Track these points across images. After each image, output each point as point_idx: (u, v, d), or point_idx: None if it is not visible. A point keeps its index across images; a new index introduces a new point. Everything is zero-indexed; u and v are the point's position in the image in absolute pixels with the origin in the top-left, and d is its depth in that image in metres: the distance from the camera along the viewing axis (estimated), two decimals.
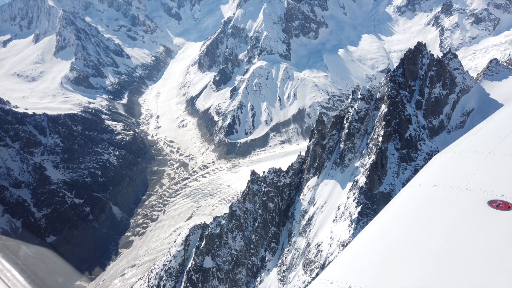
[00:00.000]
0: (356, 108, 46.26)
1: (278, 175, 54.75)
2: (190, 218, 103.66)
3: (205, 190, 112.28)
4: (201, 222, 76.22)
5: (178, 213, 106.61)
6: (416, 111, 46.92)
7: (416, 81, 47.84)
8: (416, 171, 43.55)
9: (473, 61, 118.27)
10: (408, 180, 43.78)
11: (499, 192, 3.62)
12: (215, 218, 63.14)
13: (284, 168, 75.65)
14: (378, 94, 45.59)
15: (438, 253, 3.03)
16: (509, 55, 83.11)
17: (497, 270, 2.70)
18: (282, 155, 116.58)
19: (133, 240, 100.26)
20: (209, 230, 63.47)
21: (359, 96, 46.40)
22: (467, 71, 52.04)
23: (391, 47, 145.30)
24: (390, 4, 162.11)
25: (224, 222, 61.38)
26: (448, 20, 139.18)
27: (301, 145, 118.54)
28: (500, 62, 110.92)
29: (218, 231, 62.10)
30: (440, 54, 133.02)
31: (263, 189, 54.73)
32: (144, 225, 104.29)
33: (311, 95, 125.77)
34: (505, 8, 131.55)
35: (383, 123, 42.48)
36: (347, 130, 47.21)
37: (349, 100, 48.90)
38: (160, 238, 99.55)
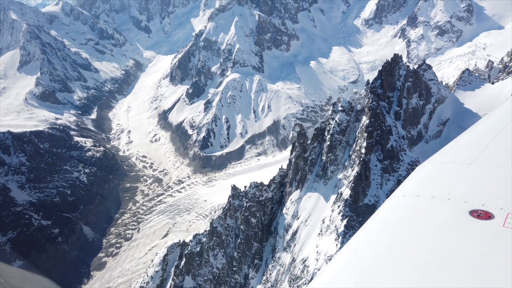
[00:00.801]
0: (337, 120, 46.23)
1: (260, 189, 53.77)
2: (166, 235, 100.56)
3: (181, 205, 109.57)
4: (180, 240, 73.81)
5: (153, 231, 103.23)
6: (395, 122, 47.41)
7: (394, 92, 48.49)
8: (399, 182, 43.78)
9: (439, 71, 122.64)
10: (391, 191, 43.92)
11: (480, 202, 3.66)
12: (195, 236, 61.15)
13: (263, 181, 74.78)
14: (359, 105, 45.79)
15: (421, 263, 3.00)
16: (475, 65, 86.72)
17: (479, 279, 2.67)
18: (259, 167, 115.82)
19: (106, 261, 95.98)
20: (189, 249, 61.35)
21: (340, 108, 46.44)
22: (441, 82, 53.42)
23: (360, 59, 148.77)
24: (358, 17, 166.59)
25: (204, 239, 59.51)
26: (414, 32, 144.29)
27: (277, 157, 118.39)
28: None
29: (198, 249, 60.11)
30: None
31: (245, 204, 53.53)
32: (118, 245, 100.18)
33: (285, 107, 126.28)
34: (466, 21, 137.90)
35: (365, 134, 42.54)
36: (329, 142, 47.04)
37: (330, 112, 48.88)
38: (135, 258, 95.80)
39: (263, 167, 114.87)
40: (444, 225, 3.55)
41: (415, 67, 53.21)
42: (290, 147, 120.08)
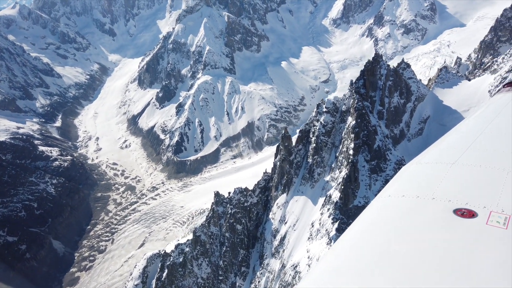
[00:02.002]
0: (323, 122, 45.55)
1: (244, 195, 52.29)
2: (142, 245, 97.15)
3: (157, 213, 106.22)
4: (160, 251, 71.21)
5: (128, 241, 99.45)
6: (379, 121, 47.33)
7: (376, 91, 48.43)
8: (386, 181, 43.61)
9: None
10: (380, 191, 43.72)
11: (463, 200, 3.74)
12: (177, 246, 58.90)
13: (241, 183, 73.26)
14: (344, 106, 45.33)
15: (408, 262, 3.09)
16: (444, 62, 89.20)
17: (463, 276, 2.79)
18: (235, 170, 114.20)
19: (80, 276, 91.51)
20: (171, 259, 59.04)
21: (325, 109, 45.80)
22: (420, 80, 54.07)
23: (330, 58, 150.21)
24: (326, 17, 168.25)
25: (187, 249, 57.39)
26: (380, 31, 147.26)
27: (253, 159, 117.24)
28: (431, 68, 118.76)
29: (181, 260, 57.92)
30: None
31: (230, 211, 51.90)
32: (91, 258, 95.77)
33: (259, 108, 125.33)
34: (430, 19, 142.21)
35: (352, 135, 42.07)
36: (314, 144, 46.28)
37: (314, 113, 48.17)
38: (110, 270, 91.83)
39: (240, 170, 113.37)
40: (429, 224, 3.60)
41: (394, 65, 53.55)
42: (265, 148, 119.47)
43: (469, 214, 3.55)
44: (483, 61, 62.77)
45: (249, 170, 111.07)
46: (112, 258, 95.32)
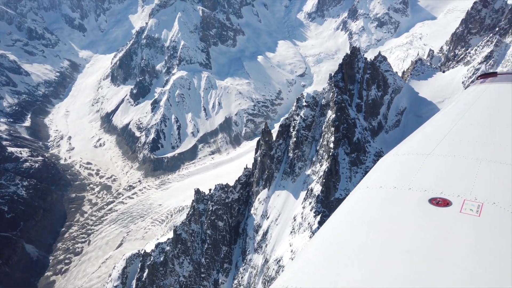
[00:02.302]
0: (303, 116, 45.38)
1: (225, 191, 51.66)
2: (120, 245, 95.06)
3: (134, 212, 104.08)
4: (139, 251, 69.82)
5: (105, 242, 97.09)
6: (357, 114, 47.61)
7: (355, 84, 48.65)
8: (366, 173, 43.95)
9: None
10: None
11: (438, 190, 3.84)
12: (157, 245, 57.79)
13: (220, 179, 72.57)
14: (323, 100, 45.29)
15: (386, 251, 3.17)
16: (417, 54, 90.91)
17: (438, 263, 2.88)
18: (214, 166, 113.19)
19: (55, 280, 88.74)
20: (152, 259, 57.90)
21: (305, 103, 45.62)
22: (396, 72, 54.73)
23: (306, 52, 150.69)
24: (301, 10, 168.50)
25: (168, 248, 56.37)
26: (355, 24, 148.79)
27: (232, 154, 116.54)
28: (404, 61, 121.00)
29: (162, 259, 56.88)
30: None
31: (211, 208, 51.19)
32: (67, 261, 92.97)
33: (236, 103, 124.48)
34: (402, 12, 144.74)
35: (332, 129, 42.11)
36: (295, 139, 46.10)
37: (294, 107, 47.94)
38: (87, 273, 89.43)
39: (218, 166, 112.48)
40: (406, 213, 3.68)
41: (369, 58, 53.94)
42: (244, 143, 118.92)
43: (444, 203, 3.63)
44: (456, 53, 64.18)
45: (228, 165, 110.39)
46: (89, 260, 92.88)
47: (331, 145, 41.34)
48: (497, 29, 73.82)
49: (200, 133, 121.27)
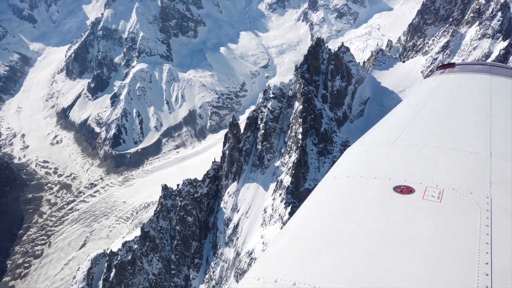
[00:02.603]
0: (270, 108, 45.33)
1: (194, 186, 50.85)
2: (84, 245, 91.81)
3: (97, 211, 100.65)
4: (105, 250, 67.66)
5: (67, 243, 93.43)
6: (323, 105, 48.21)
7: (320, 75, 49.14)
8: (334, 163, 44.72)
9: None
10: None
11: (402, 178, 3.95)
12: (124, 244, 56.18)
13: (188, 173, 71.50)
14: (290, 91, 45.42)
15: (353, 239, 3.26)
16: (377, 45, 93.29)
17: (404, 247, 3.02)
18: (179, 160, 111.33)
19: (14, 285, 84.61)
20: (119, 258, 56.25)
21: (272, 95, 45.56)
22: (359, 63, 55.83)
23: (268, 43, 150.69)
24: (262, 1, 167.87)
25: (136, 246, 54.96)
26: (315, 15, 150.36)
27: (197, 148, 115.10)
28: (364, 51, 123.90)
29: (130, 258, 55.41)
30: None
31: (180, 203, 50.29)
32: (26, 265, 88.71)
33: (199, 96, 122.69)
34: (361, 3, 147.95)
35: (300, 120, 42.39)
36: (263, 131, 46.03)
37: (261, 99, 47.77)
38: (49, 275, 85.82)
39: (184, 160, 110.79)
40: (372, 202, 3.78)
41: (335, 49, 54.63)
42: (209, 136, 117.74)
43: (407, 190, 3.74)
44: (416, 43, 66.39)
45: (193, 159, 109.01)
46: (51, 262, 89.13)
47: (300, 136, 41.65)
48: (450, 19, 77.10)
49: (163, 127, 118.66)
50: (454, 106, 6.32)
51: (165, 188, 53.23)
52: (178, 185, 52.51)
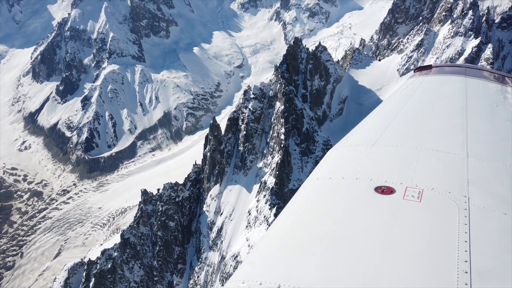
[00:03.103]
0: (251, 108, 44.99)
1: (175, 190, 49.82)
2: (58, 255, 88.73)
3: (72, 218, 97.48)
4: (82, 259, 65.55)
5: (41, 253, 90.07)
6: (303, 105, 48.34)
7: (299, 75, 49.25)
8: (316, 162, 44.98)
9: None
10: (311, 172, 44.91)
11: (383, 179, 4.00)
12: (103, 252, 54.49)
13: (165, 177, 70.18)
14: (271, 91, 45.23)
15: (336, 240, 3.32)
16: (351, 44, 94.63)
17: (386, 247, 3.07)
18: (155, 163, 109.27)
19: None
20: (98, 267, 54.50)
21: (252, 96, 45.22)
22: (337, 62, 56.34)
23: (242, 43, 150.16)
24: (234, 1, 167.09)
25: (116, 254, 53.39)
26: (288, 15, 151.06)
27: (174, 150, 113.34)
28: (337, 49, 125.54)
29: (109, 266, 53.79)
30: (286, 47, 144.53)
31: (161, 208, 49.18)
32: None
33: (174, 97, 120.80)
34: (332, 2, 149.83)
35: (282, 120, 42.32)
36: (244, 132, 45.64)
37: (241, 100, 47.34)
38: (23, 287, 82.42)
39: (160, 162, 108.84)
40: (354, 202, 3.86)
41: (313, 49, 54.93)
42: (185, 138, 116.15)
43: (388, 190, 3.79)
44: (390, 41, 67.70)
45: (170, 162, 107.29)
46: (24, 274, 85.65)
47: (282, 137, 41.57)
48: (420, 18, 79.16)
49: (138, 129, 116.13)
50: (431, 107, 6.46)
51: (145, 193, 51.94)
52: (158, 189, 51.36)
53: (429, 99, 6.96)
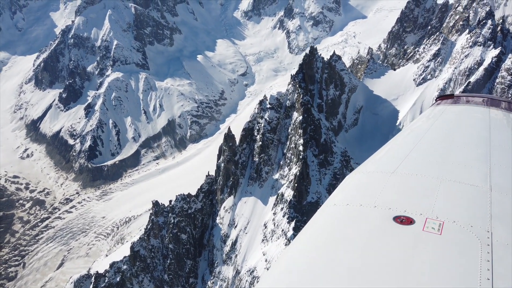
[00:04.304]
0: (267, 118, 44.01)
1: (187, 201, 48.58)
2: (61, 265, 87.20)
3: (75, 227, 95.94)
4: (89, 271, 64.17)
5: (44, 263, 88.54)
6: (319, 115, 47.43)
7: (314, 84, 48.40)
8: (335, 174, 43.93)
9: None
10: (330, 184, 43.81)
11: (402, 208, 3.91)
12: (112, 265, 53.10)
13: (171, 186, 68.93)
14: (288, 101, 44.28)
15: (353, 267, 3.26)
16: (358, 53, 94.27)
17: (403, 279, 3.00)
18: (159, 172, 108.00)
19: None
20: (106, 280, 53.06)
21: (268, 106, 44.26)
22: (351, 71, 55.55)
23: (246, 51, 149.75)
24: (237, 9, 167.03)
25: (125, 267, 51.99)
26: (291, 23, 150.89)
27: (178, 158, 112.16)
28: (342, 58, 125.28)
29: (118, 279, 52.35)
30: (290, 56, 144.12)
31: (173, 221, 47.90)
32: None
33: (178, 105, 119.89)
34: (335, 11, 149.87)
35: (300, 131, 41.33)
36: (260, 142, 44.60)
37: (256, 110, 46.37)
38: None
39: (164, 171, 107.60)
40: (372, 231, 3.77)
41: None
42: (190, 146, 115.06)
43: (407, 221, 3.69)
44: (400, 50, 67.11)
45: (175, 170, 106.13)
46: (26, 284, 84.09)
47: (301, 148, 40.54)
48: (429, 27, 78.76)
49: (142, 137, 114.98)
50: (454, 137, 6.36)
51: (156, 204, 50.66)
52: (170, 201, 50.06)
53: (451, 129, 6.91)
